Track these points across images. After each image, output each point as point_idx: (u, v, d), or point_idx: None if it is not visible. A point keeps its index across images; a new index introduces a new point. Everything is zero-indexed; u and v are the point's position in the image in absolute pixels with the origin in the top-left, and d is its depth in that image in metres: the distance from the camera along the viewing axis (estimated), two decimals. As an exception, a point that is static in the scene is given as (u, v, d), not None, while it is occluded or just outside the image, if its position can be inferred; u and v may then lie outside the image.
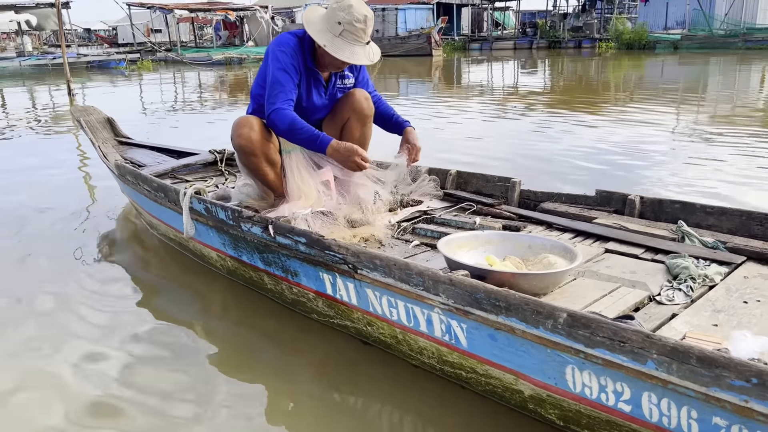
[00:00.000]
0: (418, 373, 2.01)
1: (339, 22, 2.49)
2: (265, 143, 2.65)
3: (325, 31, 2.52)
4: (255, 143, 2.61)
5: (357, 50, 2.53)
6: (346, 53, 2.51)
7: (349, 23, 2.48)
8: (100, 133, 4.33)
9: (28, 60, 22.76)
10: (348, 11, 2.48)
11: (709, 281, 1.99)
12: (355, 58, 2.53)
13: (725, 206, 2.46)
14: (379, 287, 1.94)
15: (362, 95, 2.79)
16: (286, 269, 2.32)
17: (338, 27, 2.49)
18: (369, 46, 2.58)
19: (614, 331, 1.40)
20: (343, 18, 2.48)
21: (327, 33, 2.51)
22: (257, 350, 2.30)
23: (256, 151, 2.63)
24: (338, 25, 2.49)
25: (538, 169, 4.99)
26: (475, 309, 1.67)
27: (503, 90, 12.46)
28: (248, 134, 2.60)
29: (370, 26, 2.56)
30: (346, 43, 2.51)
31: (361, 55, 2.55)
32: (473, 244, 2.21)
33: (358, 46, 2.53)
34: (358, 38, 2.52)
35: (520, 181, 2.99)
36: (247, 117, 2.68)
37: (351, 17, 2.48)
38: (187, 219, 2.69)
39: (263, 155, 2.65)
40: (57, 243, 3.46)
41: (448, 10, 31.15)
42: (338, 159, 2.56)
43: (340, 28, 2.49)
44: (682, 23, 27.29)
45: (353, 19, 2.48)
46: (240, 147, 2.64)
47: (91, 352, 2.25)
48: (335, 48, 2.49)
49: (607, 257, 2.27)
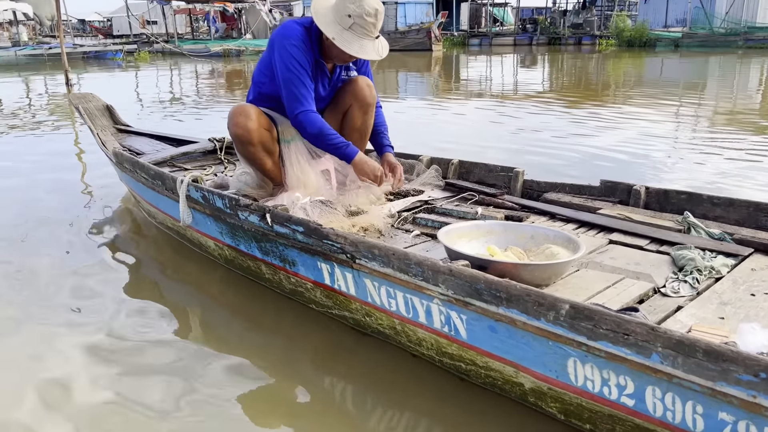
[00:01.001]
0: (417, 363, 1.98)
1: (349, 15, 2.41)
2: (263, 132, 2.61)
3: (334, 24, 2.44)
4: (252, 132, 2.56)
5: (366, 44, 2.46)
6: (354, 47, 2.44)
7: (360, 16, 2.41)
8: (99, 120, 4.29)
9: (24, 50, 22.55)
10: (359, 4, 2.40)
11: (715, 273, 1.94)
12: (363, 52, 2.46)
13: (732, 197, 2.41)
14: (377, 277, 1.90)
15: (365, 82, 2.74)
16: (284, 259, 2.28)
17: (348, 20, 2.42)
18: (378, 41, 2.51)
19: (618, 323, 1.36)
20: (353, 11, 2.40)
21: (336, 25, 2.44)
22: (254, 340, 2.27)
23: (253, 140, 2.58)
24: (348, 18, 2.41)
25: (537, 162, 4.94)
26: (475, 300, 1.63)
27: (504, 86, 12.34)
28: (244, 123, 2.55)
29: (381, 20, 2.48)
30: (356, 37, 2.43)
31: (370, 49, 2.48)
32: (474, 234, 2.16)
33: (367, 40, 2.46)
34: (367, 32, 2.45)
35: (523, 171, 2.94)
36: (243, 105, 2.63)
37: (362, 10, 2.40)
38: (183, 207, 2.65)
39: (260, 144, 2.61)
40: (54, 230, 3.42)
41: (447, 5, 30.95)
42: (360, 172, 2.56)
43: (350, 21, 2.42)
44: (682, 21, 27.20)
45: (364, 12, 2.41)
46: (236, 136, 2.59)
47: (81, 342, 2.21)
48: (344, 41, 2.42)
49: (611, 248, 2.23)
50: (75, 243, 3.24)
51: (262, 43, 23.70)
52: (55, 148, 6.05)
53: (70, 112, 8.19)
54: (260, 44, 23.56)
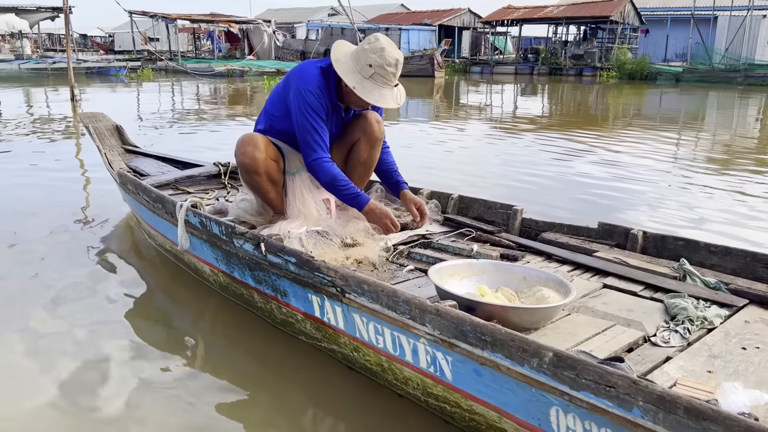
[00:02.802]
0: (404, 403, 1.96)
1: (370, 65, 2.44)
2: (269, 162, 2.64)
3: (354, 72, 2.47)
4: (259, 162, 2.59)
5: (385, 93, 2.49)
6: (374, 96, 2.47)
7: (381, 66, 2.44)
8: (108, 140, 4.35)
9: (27, 63, 22.29)
10: (380, 54, 2.44)
11: (708, 324, 1.92)
12: (383, 101, 2.49)
13: (730, 246, 2.39)
14: (366, 313, 1.90)
15: (374, 117, 2.76)
16: (276, 288, 2.28)
17: (369, 69, 2.45)
18: (397, 89, 2.55)
19: (600, 374, 1.34)
20: (374, 61, 2.43)
21: (356, 74, 2.46)
22: (243, 370, 2.25)
23: (260, 170, 2.61)
24: (369, 67, 2.44)
25: (534, 192, 4.94)
26: (460, 342, 1.62)
27: (505, 114, 12.39)
28: (252, 153, 2.58)
29: (400, 69, 2.52)
30: (376, 86, 2.47)
31: (389, 98, 2.51)
32: (467, 273, 2.16)
33: (387, 89, 2.49)
34: (387, 81, 2.48)
35: (522, 209, 2.94)
36: (252, 135, 2.66)
37: (383, 60, 2.44)
38: (182, 232, 2.67)
39: (266, 174, 2.64)
40: (55, 248, 3.45)
41: (449, 33, 31.36)
42: (371, 220, 2.59)
43: (371, 70, 2.44)
44: (681, 56, 27.58)
45: (385, 62, 2.44)
46: (243, 165, 2.62)
47: (71, 364, 2.21)
48: (364, 91, 2.45)
49: (604, 293, 2.21)
50: (72, 259, 3.26)
51: (266, 64, 23.67)
52: (59, 164, 6.11)
53: (77, 128, 8.27)
54: (264, 65, 23.44)
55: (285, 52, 29.27)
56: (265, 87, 16.69)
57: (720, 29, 26.75)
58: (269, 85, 16.62)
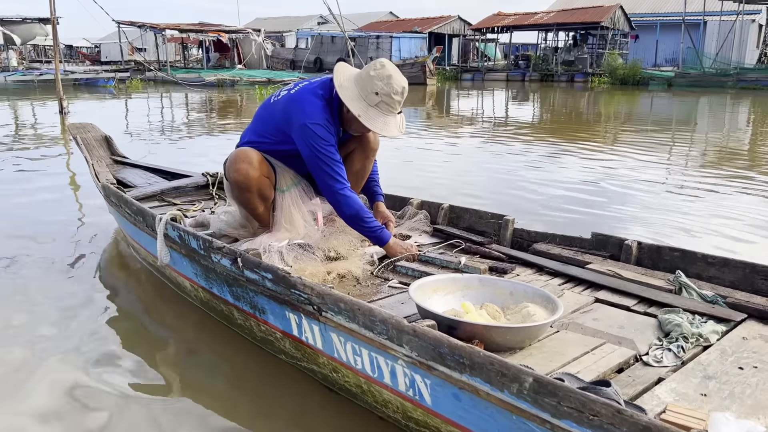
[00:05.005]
0: (386, 426, 1.86)
1: (377, 93, 2.38)
2: (262, 179, 2.57)
3: (359, 100, 2.41)
4: (252, 179, 2.52)
5: (390, 121, 2.43)
6: (379, 124, 2.41)
7: (388, 95, 2.38)
8: (96, 151, 4.28)
9: (14, 75, 21.80)
10: (387, 82, 2.38)
11: (703, 341, 1.82)
12: (387, 129, 2.43)
13: (728, 257, 2.29)
14: (343, 332, 1.81)
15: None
16: (254, 305, 2.19)
17: (375, 97, 2.39)
18: (400, 116, 2.49)
19: (583, 402, 1.25)
20: (381, 89, 2.38)
21: (361, 101, 2.40)
22: (222, 391, 2.16)
23: (252, 188, 2.55)
24: (375, 95, 2.38)
25: (526, 201, 4.85)
26: (438, 365, 1.53)
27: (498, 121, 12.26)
28: (246, 170, 2.52)
29: (405, 96, 2.46)
30: (380, 114, 2.41)
31: (393, 126, 2.45)
32: (450, 289, 2.07)
33: (391, 117, 2.44)
34: (392, 109, 2.42)
35: (513, 219, 2.85)
36: (245, 151, 2.58)
37: (390, 89, 2.38)
38: (161, 246, 2.59)
39: (257, 191, 2.57)
40: (39, 262, 3.37)
41: (440, 40, 31.23)
42: (391, 254, 2.54)
43: (377, 98, 2.39)
44: (671, 61, 27.56)
45: (392, 91, 2.38)
46: (236, 182, 2.55)
47: (45, 378, 2.13)
48: (369, 119, 2.40)
49: (596, 308, 2.12)
50: (55, 272, 3.18)
51: (256, 74, 23.41)
52: (47, 176, 6.04)
53: (66, 141, 8.15)
54: (254, 75, 23.14)
55: (275, 61, 29.19)
56: (257, 96, 16.60)
57: (710, 34, 26.71)
58: (261, 95, 16.51)
